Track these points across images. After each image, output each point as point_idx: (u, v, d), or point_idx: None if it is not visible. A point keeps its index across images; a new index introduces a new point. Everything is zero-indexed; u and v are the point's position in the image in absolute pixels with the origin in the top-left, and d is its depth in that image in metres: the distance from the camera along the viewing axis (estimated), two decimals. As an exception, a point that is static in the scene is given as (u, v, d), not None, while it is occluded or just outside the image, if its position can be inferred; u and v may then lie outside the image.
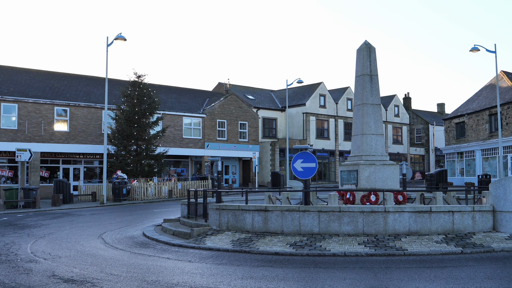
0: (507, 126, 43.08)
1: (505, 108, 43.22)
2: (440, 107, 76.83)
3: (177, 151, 43.35)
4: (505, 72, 48.04)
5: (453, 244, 11.95)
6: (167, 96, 45.95)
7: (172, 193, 35.55)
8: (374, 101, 18.03)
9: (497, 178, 34.10)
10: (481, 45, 35.61)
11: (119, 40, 30.19)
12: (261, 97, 57.29)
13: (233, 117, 47.87)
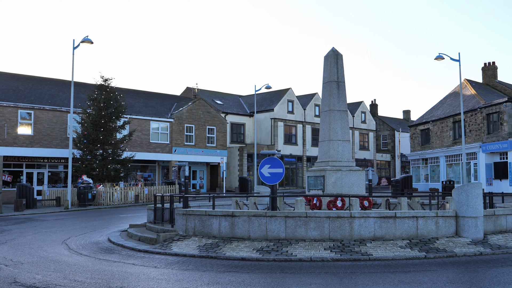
0: (470, 133, 44.02)
1: (468, 116, 44.16)
2: (406, 114, 78.08)
3: (144, 156, 42.98)
4: (469, 80, 49.13)
5: (417, 249, 12.14)
6: (135, 100, 45.54)
7: (138, 198, 35.20)
8: (341, 107, 18.20)
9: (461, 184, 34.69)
10: (446, 54, 36.35)
11: (85, 43, 29.80)
12: (230, 102, 57.30)
13: (201, 122, 47.73)
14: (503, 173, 40.20)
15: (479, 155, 42.67)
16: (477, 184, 13.49)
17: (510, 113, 39.61)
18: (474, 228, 13.14)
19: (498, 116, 40.96)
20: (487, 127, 42.32)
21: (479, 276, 9.81)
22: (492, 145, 41.05)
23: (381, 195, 24.73)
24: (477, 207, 13.23)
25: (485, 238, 13.30)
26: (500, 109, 40.47)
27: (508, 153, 39.43)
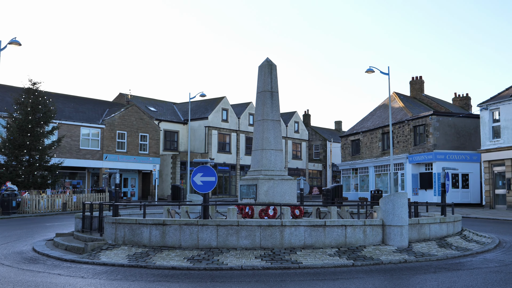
0: (398, 144, 45.57)
1: (397, 127, 45.72)
2: (338, 124, 79.89)
3: (73, 163, 41.79)
4: (397, 93, 50.90)
5: (345, 257, 12.41)
6: (65, 105, 44.25)
7: (66, 206, 34.14)
8: (274, 117, 18.40)
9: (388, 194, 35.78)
10: (376, 67, 37.51)
11: (13, 44, 28.68)
12: (163, 109, 56.73)
13: (134, 129, 46.97)
14: (428, 183, 41.79)
15: (406, 166, 44.21)
16: (403, 194, 13.96)
17: (435, 125, 41.31)
18: (399, 237, 13.58)
19: (424, 129, 42.62)
20: (414, 139, 43.94)
21: (403, 283, 10.14)
22: (418, 156, 42.64)
23: (312, 204, 25.16)
24: (402, 216, 13.69)
25: (410, 246, 13.77)
26: (426, 122, 42.13)
27: (433, 164, 41.05)
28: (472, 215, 29.75)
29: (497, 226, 22.68)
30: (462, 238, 15.96)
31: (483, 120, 37.33)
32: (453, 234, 16.16)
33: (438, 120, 41.52)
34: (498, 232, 19.45)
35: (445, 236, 15.57)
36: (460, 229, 17.25)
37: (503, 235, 18.56)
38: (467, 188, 41.12)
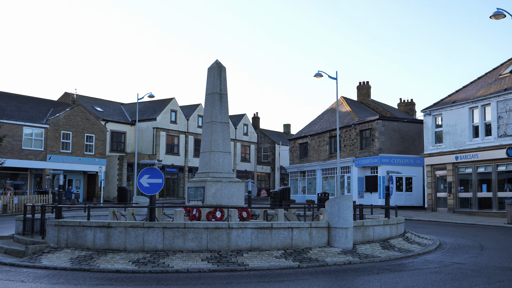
0: (345, 148, 46.36)
1: (344, 131, 46.51)
2: (286, 127, 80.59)
3: (15, 163, 40.50)
4: (345, 98, 51.80)
5: (291, 259, 12.53)
6: (7, 103, 42.85)
7: (7, 208, 33.06)
8: (223, 119, 18.39)
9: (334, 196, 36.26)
10: (325, 72, 38.09)
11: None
12: (111, 109, 55.74)
13: (80, 129, 45.96)
14: (373, 186, 42.70)
15: (352, 169, 45.03)
16: (348, 196, 14.22)
17: (381, 130, 42.26)
18: (344, 239, 13.82)
19: (370, 133, 43.53)
20: (360, 142, 44.82)
21: (347, 284, 10.32)
22: (364, 159, 43.50)
23: (260, 206, 25.26)
24: (347, 219, 13.94)
25: (355, 247, 14.03)
26: (372, 126, 43.04)
27: (378, 168, 41.97)
28: (414, 217, 30.57)
29: (438, 228, 23.39)
30: (405, 240, 16.39)
31: (426, 125, 38.45)
32: (396, 236, 16.57)
33: (383, 124, 42.50)
34: (439, 234, 20.06)
35: (388, 238, 15.95)
36: (403, 231, 17.70)
37: (444, 237, 19.15)
38: (410, 191, 42.24)
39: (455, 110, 35.72)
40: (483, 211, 33.04)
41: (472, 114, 34.63)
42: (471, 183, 34.39)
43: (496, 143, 32.15)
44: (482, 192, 33.57)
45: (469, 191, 34.55)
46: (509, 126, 31.46)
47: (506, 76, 34.61)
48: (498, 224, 25.79)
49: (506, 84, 33.03)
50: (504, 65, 37.17)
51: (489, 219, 29.16)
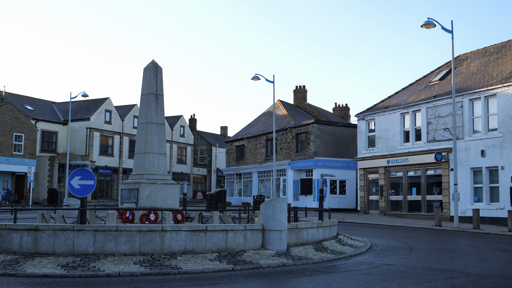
0: (281, 150, 46.81)
1: (280, 134, 46.96)
2: (224, 130, 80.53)
3: None
4: (282, 101, 52.35)
5: (225, 261, 12.48)
6: None
7: None
8: (158, 120, 18.13)
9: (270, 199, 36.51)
10: (262, 75, 38.35)
11: None
12: (42, 108, 53.89)
13: (8, 128, 44.18)
14: (308, 189, 43.32)
15: (288, 172, 45.53)
16: (283, 199, 14.33)
17: (316, 134, 42.94)
18: (278, 241, 13.91)
19: (305, 136, 44.16)
20: (296, 146, 45.38)
21: (280, 286, 10.38)
22: (299, 162, 44.07)
23: (195, 208, 25.07)
24: (282, 221, 14.04)
25: (288, 250, 14.15)
26: (307, 130, 43.68)
27: (313, 171, 42.61)
28: (347, 220, 31.23)
29: (370, 230, 23.97)
30: (338, 242, 16.69)
31: (360, 129, 39.40)
32: (329, 238, 16.85)
33: (319, 128, 43.22)
34: (370, 236, 20.55)
35: (321, 240, 16.19)
36: (336, 233, 18.02)
37: (375, 238, 19.63)
38: (344, 194, 43.14)
39: (387, 115, 36.78)
40: (412, 214, 34.17)
41: (403, 119, 35.77)
42: (402, 186, 35.50)
43: (426, 148, 33.33)
44: (412, 195, 34.71)
45: (399, 194, 35.65)
46: (437, 132, 32.68)
47: (435, 84, 35.96)
48: (426, 226, 26.71)
49: (436, 91, 34.32)
50: (434, 72, 38.63)
51: (418, 221, 30.18)
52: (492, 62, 33.48)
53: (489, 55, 35.08)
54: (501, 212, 28.12)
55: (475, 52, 37.27)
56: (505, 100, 28.59)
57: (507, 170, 28.16)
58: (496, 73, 31.32)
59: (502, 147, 28.53)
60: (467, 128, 30.65)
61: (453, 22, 27.65)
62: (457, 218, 26.32)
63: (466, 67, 35.49)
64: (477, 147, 29.98)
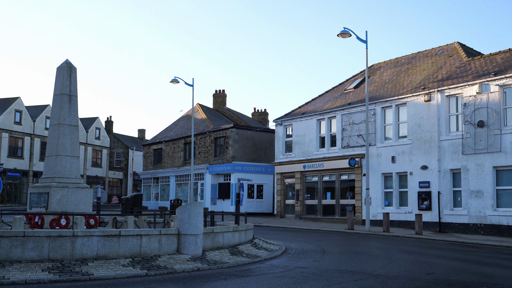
0: (199, 155, 46.64)
1: (199, 138, 46.79)
2: (141, 132, 79.18)
3: None
4: (201, 105, 52.21)
5: (139, 267, 12.26)
6: None
7: None
8: (72, 122, 17.54)
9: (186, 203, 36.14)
10: (181, 78, 38.13)
11: None
12: None
13: None
14: (226, 193, 43.42)
15: (206, 176, 45.42)
16: (199, 203, 14.28)
17: (235, 138, 43.16)
18: (194, 245, 13.84)
19: (224, 141, 44.27)
20: (215, 150, 45.38)
21: (194, 291, 10.32)
22: (218, 167, 44.10)
23: (110, 213, 24.48)
24: (198, 225, 13.98)
25: (204, 254, 14.11)
26: (226, 134, 43.81)
27: (231, 175, 42.77)
28: (264, 223, 31.58)
29: (285, 234, 24.35)
30: (253, 245, 16.83)
31: (277, 135, 40.00)
32: (245, 242, 16.95)
33: (237, 133, 43.46)
34: (286, 240, 20.88)
35: (237, 244, 16.27)
36: (251, 237, 18.16)
37: (290, 242, 19.97)
38: (261, 198, 43.59)
39: (304, 121, 37.58)
40: (327, 217, 35.08)
41: (319, 125, 36.69)
42: (317, 191, 36.37)
43: (340, 154, 34.34)
44: (326, 199, 35.63)
45: (315, 199, 36.49)
46: (352, 138, 33.76)
47: (350, 91, 37.17)
48: (339, 229, 27.50)
49: (351, 99, 35.47)
50: (349, 80, 39.93)
51: (332, 225, 31.02)
52: (403, 72, 35.07)
53: (400, 65, 36.73)
54: (410, 215, 29.44)
55: (388, 62, 38.91)
56: (414, 109, 30.01)
57: (415, 176, 29.54)
58: (406, 83, 32.83)
59: (411, 154, 29.89)
60: (379, 135, 31.89)
61: (368, 33, 28.75)
62: (368, 221, 27.28)
63: (379, 76, 36.96)
64: (388, 154, 31.25)
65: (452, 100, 28.57)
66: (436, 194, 28.26)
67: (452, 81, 28.91)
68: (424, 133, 29.28)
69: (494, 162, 25.88)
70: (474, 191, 26.58)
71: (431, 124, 28.97)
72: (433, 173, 28.58)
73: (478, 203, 26.33)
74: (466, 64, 30.60)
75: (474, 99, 27.04)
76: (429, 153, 28.92)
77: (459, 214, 27.17)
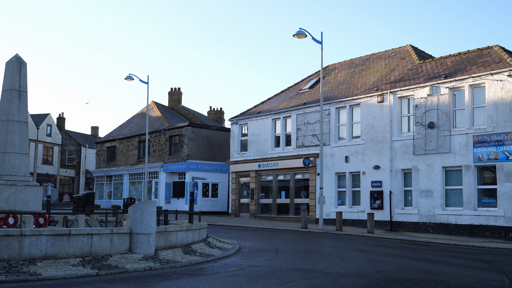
0: (154, 153, 46.16)
1: (153, 136, 46.30)
2: (94, 130, 77.76)
3: None
4: (156, 103, 51.68)
5: (90, 266, 12.04)
6: None
7: None
8: (21, 118, 17.05)
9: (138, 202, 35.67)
10: (136, 75, 37.65)
11: None
12: None
13: None
14: (181, 192, 43.12)
15: (161, 175, 45.00)
16: (152, 202, 14.13)
17: (190, 136, 42.90)
18: (146, 245, 13.68)
19: (179, 139, 43.95)
20: (169, 148, 45.00)
21: (146, 291, 10.20)
22: (172, 165, 43.75)
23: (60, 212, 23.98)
24: (150, 224, 13.83)
25: (157, 253, 13.97)
26: (181, 132, 43.50)
27: (186, 174, 42.52)
28: (218, 222, 31.52)
29: (239, 233, 24.37)
30: (207, 244, 16.77)
31: (233, 133, 39.99)
32: (198, 241, 16.88)
33: (193, 131, 43.22)
34: (240, 239, 20.90)
35: (191, 243, 16.18)
36: (205, 236, 18.10)
37: (244, 241, 19.99)
38: (216, 197, 43.51)
39: (259, 121, 37.70)
40: (281, 216, 35.30)
41: (275, 125, 36.88)
42: (272, 190, 36.55)
43: (295, 153, 34.62)
44: (281, 198, 35.85)
45: (269, 197, 36.66)
46: (306, 138, 34.08)
47: (305, 91, 37.51)
48: (293, 228, 27.71)
49: (306, 99, 35.79)
50: (304, 81, 40.29)
51: (286, 224, 31.24)
52: (358, 73, 35.63)
53: (355, 66, 37.30)
54: (362, 214, 29.94)
55: (343, 63, 39.45)
56: (367, 109, 30.52)
57: (367, 175, 30.05)
58: (360, 84, 33.37)
59: (364, 154, 30.39)
60: (333, 135, 32.29)
61: (323, 34, 29.05)
62: (322, 220, 27.59)
63: (334, 77, 37.44)
64: (342, 153, 31.68)
65: (404, 102, 29.20)
66: (388, 193, 28.83)
67: (404, 83, 29.55)
68: (377, 134, 29.82)
69: (444, 162, 26.60)
70: (424, 191, 27.25)
71: (383, 124, 29.53)
72: (385, 173, 29.15)
73: (428, 202, 27.01)
74: (418, 66, 31.33)
75: (425, 101, 27.71)
76: (381, 153, 29.48)
77: (410, 213, 27.80)
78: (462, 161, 25.86)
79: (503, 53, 26.53)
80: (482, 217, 24.89)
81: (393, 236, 24.00)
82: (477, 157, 25.24)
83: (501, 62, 25.64)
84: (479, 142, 25.22)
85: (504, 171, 24.25)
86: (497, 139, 24.57)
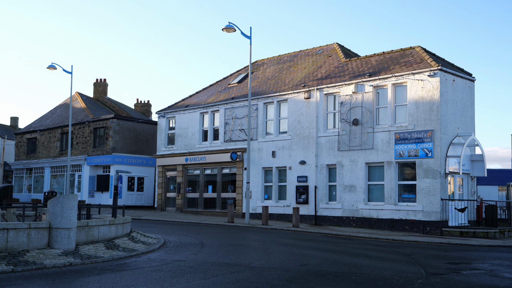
0: (77, 145, 44.76)
1: (77, 128, 44.88)
2: (14, 120, 74.35)
3: None
4: (80, 93, 50.09)
5: (5, 262, 11.47)
6: None
7: None
8: None
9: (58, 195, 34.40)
10: (59, 64, 36.32)
11: None
12: None
13: None
14: (105, 185, 42.07)
15: (84, 168, 43.71)
16: (73, 196, 13.66)
17: (115, 129, 41.91)
18: (66, 239, 13.22)
19: (104, 131, 42.82)
20: (94, 141, 43.76)
21: (65, 287, 9.84)
22: (97, 158, 42.59)
23: (-25, 205, 22.73)
24: (71, 219, 13.37)
25: (77, 248, 13.52)
26: (107, 125, 42.41)
27: (111, 167, 41.53)
28: (144, 217, 31.01)
29: (165, 227, 24.05)
30: (130, 239, 16.43)
31: (160, 127, 39.42)
32: (122, 236, 16.50)
33: (118, 124, 42.23)
34: (165, 233, 20.62)
35: (114, 238, 15.80)
36: (129, 231, 17.73)
37: (169, 235, 19.75)
38: (142, 191, 42.78)
39: (187, 114, 37.36)
40: (208, 211, 35.19)
41: (202, 119, 36.67)
42: (199, 184, 36.35)
43: (222, 147, 34.57)
44: (208, 192, 35.73)
45: (196, 192, 36.45)
46: (234, 132, 34.10)
47: (234, 86, 37.51)
48: (220, 222, 27.68)
49: (234, 93, 35.80)
50: (233, 75, 40.27)
51: (213, 218, 31.17)
52: (286, 69, 36.00)
53: (283, 62, 37.66)
54: (287, 209, 30.33)
55: (271, 59, 39.73)
56: (294, 105, 30.91)
57: (294, 170, 30.47)
58: (288, 80, 33.73)
59: (290, 149, 30.78)
60: (261, 130, 32.50)
61: (252, 29, 29.13)
62: (248, 214, 27.73)
63: (263, 73, 37.64)
64: (269, 148, 31.94)
65: (330, 98, 29.79)
66: (313, 188, 29.34)
67: (330, 80, 30.13)
68: (304, 129, 30.26)
69: (367, 158, 27.37)
70: (348, 186, 27.94)
71: (310, 120, 30.00)
72: (310, 168, 29.65)
73: (352, 197, 27.73)
74: (344, 64, 32.04)
75: (350, 98, 28.38)
76: (307, 148, 29.95)
77: (334, 208, 28.43)
78: (384, 157, 26.71)
79: (424, 54, 27.58)
80: (402, 212, 25.84)
81: (318, 230, 24.46)
82: (398, 154, 26.15)
83: (422, 63, 26.65)
84: (400, 139, 26.14)
85: (423, 167, 25.25)
86: (417, 137, 25.54)
